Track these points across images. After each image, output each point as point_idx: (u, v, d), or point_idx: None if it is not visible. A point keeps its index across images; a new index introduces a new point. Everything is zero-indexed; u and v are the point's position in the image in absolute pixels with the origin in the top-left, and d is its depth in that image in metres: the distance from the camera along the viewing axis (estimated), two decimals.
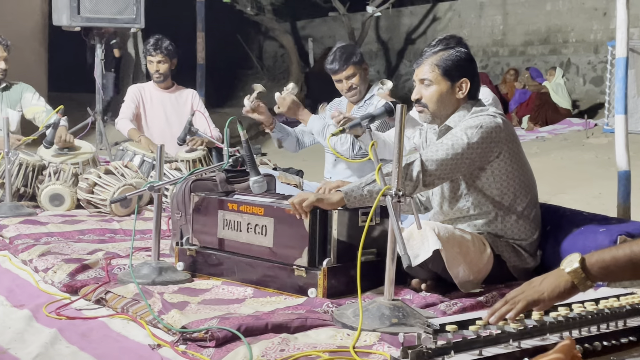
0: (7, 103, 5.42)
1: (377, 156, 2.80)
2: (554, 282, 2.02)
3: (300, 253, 3.02)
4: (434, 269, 2.99)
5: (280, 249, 3.10)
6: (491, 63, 14.94)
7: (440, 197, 3.28)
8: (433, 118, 3.23)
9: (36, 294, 3.16)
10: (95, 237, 4.17)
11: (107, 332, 2.68)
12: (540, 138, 11.08)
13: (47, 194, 4.93)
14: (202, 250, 3.35)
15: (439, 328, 1.94)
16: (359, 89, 4.43)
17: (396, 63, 16.95)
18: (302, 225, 3.01)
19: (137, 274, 3.16)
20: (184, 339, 2.50)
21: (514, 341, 1.97)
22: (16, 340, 2.56)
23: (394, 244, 2.62)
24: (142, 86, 5.95)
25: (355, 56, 4.40)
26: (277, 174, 4.54)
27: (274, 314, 2.67)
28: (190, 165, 5.31)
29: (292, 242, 3.05)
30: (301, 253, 3.02)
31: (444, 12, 15.95)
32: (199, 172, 3.57)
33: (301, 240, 3.02)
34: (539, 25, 14.05)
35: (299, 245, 3.03)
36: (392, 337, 2.46)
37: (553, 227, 3.36)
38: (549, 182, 6.65)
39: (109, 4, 6.83)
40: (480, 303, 2.90)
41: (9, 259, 3.72)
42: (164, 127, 5.81)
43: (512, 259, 3.20)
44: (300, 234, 3.02)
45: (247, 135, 3.33)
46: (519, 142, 3.24)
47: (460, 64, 3.18)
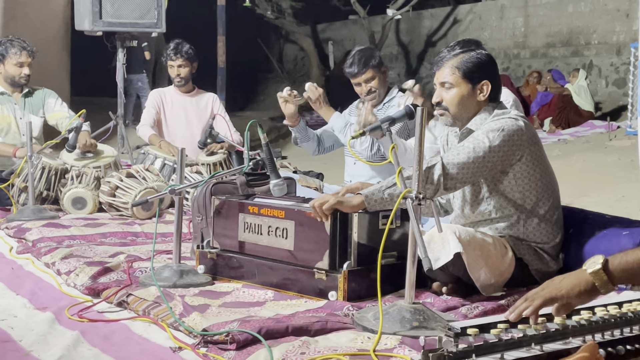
0: (29, 109, 5.47)
1: (397, 159, 2.80)
2: (575, 280, 2.00)
3: (321, 256, 3.02)
4: (455, 272, 2.98)
5: (301, 252, 3.10)
6: (512, 65, 14.87)
7: (462, 200, 3.27)
8: (454, 121, 3.22)
9: (59, 296, 3.18)
10: (117, 240, 4.20)
11: (129, 335, 2.69)
12: (562, 140, 11.01)
13: (69, 198, 4.97)
14: (222, 253, 3.36)
15: (460, 331, 1.93)
16: (378, 92, 4.42)
17: (416, 66, 16.92)
18: (323, 228, 3.01)
19: (158, 276, 3.17)
20: (205, 341, 2.51)
21: (536, 345, 1.95)
22: (39, 342, 2.57)
23: (415, 247, 2.61)
24: (163, 90, 5.99)
25: (374, 59, 4.39)
26: (298, 177, 4.54)
27: (295, 317, 2.67)
28: (211, 168, 5.33)
29: (313, 245, 3.05)
30: (322, 256, 3.02)
31: (465, 15, 15.90)
32: (219, 176, 3.59)
33: (322, 243, 3.02)
34: (560, 27, 13.97)
35: (320, 248, 3.03)
36: (413, 340, 2.45)
37: (575, 230, 3.33)
38: (571, 184, 6.60)
39: (131, 9, 6.87)
40: (502, 306, 2.88)
41: (32, 261, 3.75)
42: (184, 130, 5.84)
43: (534, 263, 3.18)
44: (321, 237, 3.02)
45: (267, 139, 3.34)
46: (541, 144, 3.22)
47: (480, 66, 3.16)
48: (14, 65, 5.35)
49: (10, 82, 5.39)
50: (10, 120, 5.40)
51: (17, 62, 5.35)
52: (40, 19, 9.15)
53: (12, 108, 5.42)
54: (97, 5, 6.69)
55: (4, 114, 5.40)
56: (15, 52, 5.34)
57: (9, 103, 5.42)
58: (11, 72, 5.36)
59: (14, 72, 5.36)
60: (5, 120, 5.39)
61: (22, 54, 5.35)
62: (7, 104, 5.41)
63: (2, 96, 5.41)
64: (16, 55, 5.34)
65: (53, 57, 9.24)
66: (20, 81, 5.40)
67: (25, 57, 5.37)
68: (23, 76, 5.38)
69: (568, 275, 2.04)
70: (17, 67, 5.36)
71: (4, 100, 5.41)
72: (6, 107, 5.41)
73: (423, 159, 2.66)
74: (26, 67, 5.37)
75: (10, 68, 5.36)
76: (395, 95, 4.50)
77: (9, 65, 5.35)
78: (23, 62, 5.36)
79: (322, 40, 18.51)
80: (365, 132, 3.13)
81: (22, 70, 5.36)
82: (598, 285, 1.99)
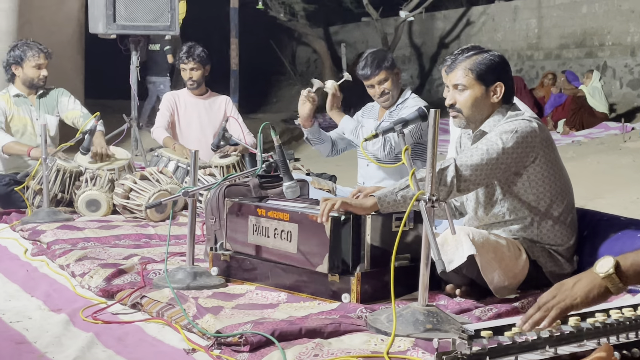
0: (44, 109, 5.51)
1: (411, 161, 2.79)
2: (588, 286, 1.98)
3: (322, 259, 3.02)
4: (469, 275, 2.97)
5: (303, 255, 3.10)
6: (526, 67, 14.82)
7: (475, 202, 3.26)
8: (468, 123, 3.21)
9: (73, 298, 3.19)
10: (131, 242, 4.21)
11: (143, 337, 2.70)
12: (576, 142, 10.96)
13: (83, 200, 4.99)
14: (235, 255, 3.37)
15: (473, 334, 1.92)
16: (391, 94, 4.42)
17: (429, 68, 16.90)
18: (324, 232, 3.01)
19: (172, 278, 3.18)
20: (218, 343, 2.51)
21: (550, 347, 1.95)
22: (54, 344, 2.59)
23: (428, 249, 2.60)
24: (176, 93, 6.02)
25: (386, 61, 4.39)
26: (310, 179, 4.55)
27: (308, 319, 2.67)
28: (224, 170, 5.35)
29: (315, 249, 3.05)
30: (322, 259, 3.02)
31: (478, 16, 15.86)
32: (232, 178, 3.59)
33: (322, 246, 3.02)
34: (574, 28, 13.91)
35: (320, 252, 3.03)
36: (427, 342, 2.45)
37: (590, 232, 3.32)
38: (586, 186, 6.57)
39: (144, 12, 6.91)
40: (516, 309, 2.87)
41: (46, 263, 3.77)
42: (198, 133, 5.86)
43: (549, 265, 3.16)
44: (322, 241, 3.01)
45: (280, 141, 3.34)
46: (555, 146, 3.21)
47: (494, 67, 3.15)
48: (32, 67, 5.39)
49: (29, 85, 5.43)
50: (26, 121, 5.44)
51: (35, 65, 5.39)
52: (54, 23, 9.20)
53: (28, 110, 5.46)
54: (110, 9, 6.73)
55: (20, 116, 5.44)
56: (33, 55, 5.38)
57: (25, 105, 5.46)
58: (30, 74, 5.40)
59: (33, 75, 5.40)
60: (21, 121, 5.43)
61: (39, 56, 5.39)
62: (23, 106, 5.45)
63: (18, 98, 5.45)
64: (34, 58, 5.38)
65: (67, 60, 9.29)
66: (38, 83, 5.44)
67: (42, 59, 5.41)
68: (42, 78, 5.43)
69: (579, 280, 2.02)
70: (36, 69, 5.39)
71: (20, 102, 5.45)
72: (22, 108, 5.45)
73: (436, 161, 2.65)
74: (44, 69, 5.42)
75: (28, 71, 5.39)
76: (409, 97, 4.50)
77: (28, 67, 5.39)
78: (41, 64, 5.40)
79: (335, 43, 18.51)
80: (378, 134, 3.13)
81: (40, 72, 5.41)
82: (611, 288, 1.98)
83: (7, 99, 5.43)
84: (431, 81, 16.50)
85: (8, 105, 5.41)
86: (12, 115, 5.41)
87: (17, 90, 5.45)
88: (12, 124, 5.39)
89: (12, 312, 2.96)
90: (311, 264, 3.06)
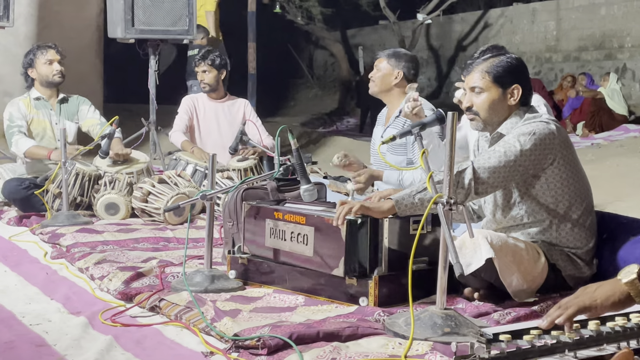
0: (65, 115, 5.54)
1: (428, 164, 2.79)
2: (609, 290, 1.98)
3: (337, 263, 3.02)
4: (487, 278, 2.96)
5: (319, 258, 3.10)
6: (544, 69, 14.74)
7: (493, 205, 3.25)
8: (485, 125, 3.20)
9: (92, 301, 3.21)
10: (150, 246, 4.23)
11: (161, 340, 2.71)
12: (595, 145, 10.87)
13: (102, 203, 5.02)
14: (253, 259, 3.37)
15: (492, 337, 1.91)
16: (375, 83, 4.43)
17: (447, 70, 16.85)
18: (340, 235, 3.00)
19: (190, 281, 3.19)
20: (236, 346, 2.52)
21: (569, 351, 1.94)
22: (73, 346, 2.60)
23: (446, 252, 2.60)
24: (195, 97, 6.04)
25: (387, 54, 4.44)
26: (328, 183, 4.54)
27: (325, 323, 2.67)
28: (242, 174, 5.36)
29: (330, 252, 3.05)
30: (338, 263, 3.01)
31: (496, 19, 15.80)
32: (250, 181, 3.60)
33: (338, 250, 3.01)
34: (593, 30, 13.82)
35: (336, 255, 3.02)
36: (445, 346, 2.44)
37: (609, 235, 3.29)
38: (605, 189, 6.52)
39: (162, 16, 6.95)
40: (535, 312, 2.86)
41: (66, 267, 3.80)
42: (216, 136, 5.89)
43: (568, 268, 3.14)
44: (338, 244, 3.01)
45: (297, 144, 3.35)
46: (573, 148, 3.19)
47: (511, 70, 3.14)
48: (44, 64, 5.41)
49: (46, 84, 5.46)
50: (45, 125, 5.47)
51: (45, 61, 5.41)
52: (73, 28, 9.27)
53: (47, 113, 5.49)
54: (129, 13, 6.77)
55: (39, 119, 5.47)
56: (42, 52, 5.41)
57: (45, 108, 5.49)
58: (43, 72, 5.42)
59: (46, 72, 5.42)
60: (40, 125, 5.47)
61: (48, 52, 5.41)
62: (42, 109, 5.49)
63: (39, 101, 5.49)
64: (43, 55, 5.40)
65: (86, 65, 9.36)
66: (54, 79, 5.43)
67: (52, 54, 5.42)
68: (56, 73, 5.41)
69: (602, 284, 2.01)
70: (47, 65, 5.41)
71: (40, 105, 5.49)
72: (42, 112, 5.48)
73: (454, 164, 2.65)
74: (56, 63, 5.42)
75: (41, 68, 5.42)
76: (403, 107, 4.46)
77: (40, 66, 5.42)
78: (51, 59, 5.41)
79: (352, 46, 18.50)
80: (395, 137, 3.13)
81: (52, 67, 5.41)
82: (633, 295, 1.97)
83: (27, 102, 5.47)
84: (449, 84, 16.44)
85: (28, 109, 5.45)
86: (32, 118, 5.45)
87: (37, 94, 5.49)
88: (32, 127, 5.43)
89: (32, 314, 2.98)
90: (327, 267, 3.06)
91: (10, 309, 3.07)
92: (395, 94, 4.46)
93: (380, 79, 4.44)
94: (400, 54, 4.47)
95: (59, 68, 5.42)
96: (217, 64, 5.83)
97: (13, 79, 7.89)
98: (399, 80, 4.46)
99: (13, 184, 5.22)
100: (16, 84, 7.21)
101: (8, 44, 8.58)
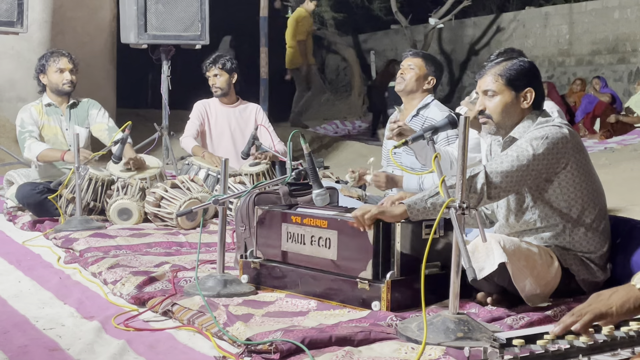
0: (75, 120, 5.55)
1: (440, 168, 2.78)
2: (624, 297, 1.96)
3: (365, 266, 3.01)
4: (500, 283, 2.95)
5: (344, 262, 3.10)
6: (557, 73, 14.69)
7: (506, 209, 3.23)
8: (497, 129, 3.19)
9: (105, 305, 3.22)
10: (162, 250, 4.24)
11: (174, 344, 2.72)
12: (609, 149, 10.82)
13: (115, 208, 5.04)
14: (266, 263, 3.37)
15: (505, 342, 1.91)
16: (410, 82, 4.42)
17: (459, 75, 16.82)
18: (367, 238, 3.00)
19: (202, 286, 3.20)
20: (248, 351, 2.52)
21: (583, 356, 1.93)
22: (86, 351, 2.61)
23: (459, 256, 2.59)
24: (207, 102, 6.06)
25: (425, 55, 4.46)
26: (340, 187, 4.54)
27: (338, 327, 2.67)
28: (254, 178, 5.37)
29: (356, 255, 3.05)
30: (365, 266, 3.01)
31: (508, 23, 15.76)
32: (262, 186, 3.61)
33: (365, 252, 3.01)
34: (606, 33, 13.76)
35: (363, 258, 3.02)
36: (458, 351, 2.43)
37: (623, 239, 3.27)
38: (619, 193, 6.48)
39: (175, 22, 6.99)
40: (548, 317, 2.84)
41: (79, 271, 3.81)
42: (228, 141, 5.90)
43: (581, 272, 3.12)
44: (365, 247, 3.01)
45: (309, 149, 3.35)
46: (586, 152, 3.18)
47: (524, 73, 3.13)
48: (55, 72, 5.43)
49: (56, 92, 5.48)
50: (56, 131, 5.49)
51: (56, 69, 5.42)
52: (87, 33, 9.33)
53: (58, 119, 5.52)
54: (142, 19, 6.81)
55: (50, 125, 5.49)
56: (54, 60, 5.42)
57: (56, 114, 5.51)
58: (54, 80, 5.44)
59: (57, 80, 5.43)
60: (51, 131, 5.48)
61: (60, 60, 5.42)
62: (53, 115, 5.51)
63: (49, 107, 5.51)
64: (55, 62, 5.41)
65: (100, 70, 9.41)
66: (64, 88, 5.44)
67: (64, 63, 5.42)
68: (66, 82, 5.41)
69: (616, 291, 2.00)
70: (58, 73, 5.42)
71: (50, 111, 5.51)
72: (53, 118, 5.50)
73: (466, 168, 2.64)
74: (67, 72, 5.42)
75: (52, 76, 5.44)
76: (431, 103, 4.46)
77: (51, 73, 5.44)
78: (63, 67, 5.41)
79: (364, 50, 18.50)
80: (407, 142, 3.12)
81: (63, 76, 5.41)
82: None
83: (39, 109, 5.49)
84: (461, 88, 16.41)
85: (40, 116, 5.48)
86: (43, 124, 5.47)
87: (48, 100, 5.51)
88: (43, 133, 5.45)
89: (45, 319, 3.00)
90: (353, 270, 3.05)
91: (24, 313, 3.08)
92: (417, 97, 4.47)
93: (414, 80, 4.42)
94: (436, 61, 4.48)
95: (70, 78, 5.41)
96: (227, 68, 5.84)
97: (26, 84, 7.94)
98: (430, 87, 4.46)
99: (27, 188, 5.24)
100: (29, 90, 7.25)
101: (22, 49, 8.63)
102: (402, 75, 4.44)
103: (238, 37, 13.91)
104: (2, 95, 8.78)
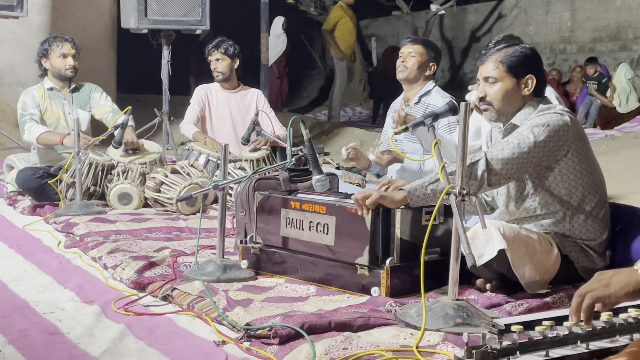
0: (77, 104, 5.56)
1: (441, 154, 2.78)
2: (624, 280, 1.96)
3: (362, 251, 3.02)
4: (499, 269, 2.95)
5: (341, 247, 3.10)
6: (559, 60, 14.64)
7: (506, 196, 3.23)
8: (498, 116, 3.18)
9: (105, 290, 3.23)
10: (162, 235, 4.25)
11: (174, 329, 2.72)
12: (609, 136, 10.81)
13: (115, 193, 5.04)
14: (265, 249, 3.38)
15: (504, 328, 1.91)
16: (413, 69, 4.40)
17: (460, 61, 16.77)
18: (364, 224, 3.00)
19: (202, 271, 3.20)
20: (248, 336, 2.52)
21: (582, 342, 1.93)
22: (86, 335, 2.62)
23: (458, 243, 2.59)
24: (208, 87, 6.04)
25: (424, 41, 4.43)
26: (340, 173, 4.54)
27: (337, 313, 2.67)
28: (254, 164, 5.37)
29: (353, 241, 3.05)
30: (362, 251, 3.02)
31: (510, 9, 15.70)
32: (262, 171, 3.60)
33: (362, 238, 3.01)
34: (608, 21, 13.70)
35: (360, 244, 3.02)
36: (456, 337, 2.44)
37: (623, 227, 3.28)
38: (619, 181, 6.48)
39: (175, 7, 6.96)
40: (547, 304, 2.85)
41: (79, 256, 3.82)
42: (229, 127, 5.90)
43: (581, 260, 3.13)
44: (362, 233, 3.01)
45: (309, 135, 3.35)
46: (587, 140, 3.17)
47: (525, 60, 3.12)
48: (57, 57, 5.42)
49: (58, 77, 5.47)
50: (59, 115, 5.49)
51: (59, 54, 5.42)
52: (87, 18, 9.29)
53: (60, 103, 5.51)
54: (142, 4, 6.79)
55: (53, 109, 5.49)
56: (57, 45, 5.42)
57: (58, 99, 5.51)
58: (56, 65, 5.44)
59: (59, 65, 5.43)
60: (54, 115, 5.48)
61: (63, 45, 5.42)
62: (56, 100, 5.50)
63: (52, 92, 5.51)
64: (58, 48, 5.41)
65: (100, 55, 9.38)
66: (66, 74, 5.44)
67: (67, 48, 5.43)
68: (68, 67, 5.42)
69: (618, 273, 1.99)
70: (61, 58, 5.42)
71: (53, 95, 5.51)
72: (55, 102, 5.50)
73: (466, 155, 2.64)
74: (70, 57, 5.43)
75: (54, 61, 5.44)
76: (432, 90, 4.45)
77: (53, 58, 5.44)
78: (66, 53, 5.42)
79: (365, 37, 18.43)
80: (408, 128, 3.12)
81: (66, 61, 5.42)
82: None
83: (41, 93, 5.49)
84: (462, 75, 16.37)
85: (42, 99, 5.47)
86: (46, 108, 5.47)
87: (50, 84, 5.51)
88: (45, 117, 5.45)
89: (45, 303, 3.00)
90: (350, 256, 3.05)
91: (24, 297, 3.09)
92: (419, 84, 4.45)
93: (417, 68, 4.40)
94: (435, 46, 4.46)
95: (72, 63, 5.43)
96: (230, 53, 5.83)
97: (27, 68, 7.93)
98: (431, 73, 4.44)
99: (27, 173, 5.25)
100: (30, 74, 7.24)
101: (22, 34, 8.60)
102: (403, 63, 4.42)
103: (238, 22, 13.87)
104: (3, 80, 8.76)
